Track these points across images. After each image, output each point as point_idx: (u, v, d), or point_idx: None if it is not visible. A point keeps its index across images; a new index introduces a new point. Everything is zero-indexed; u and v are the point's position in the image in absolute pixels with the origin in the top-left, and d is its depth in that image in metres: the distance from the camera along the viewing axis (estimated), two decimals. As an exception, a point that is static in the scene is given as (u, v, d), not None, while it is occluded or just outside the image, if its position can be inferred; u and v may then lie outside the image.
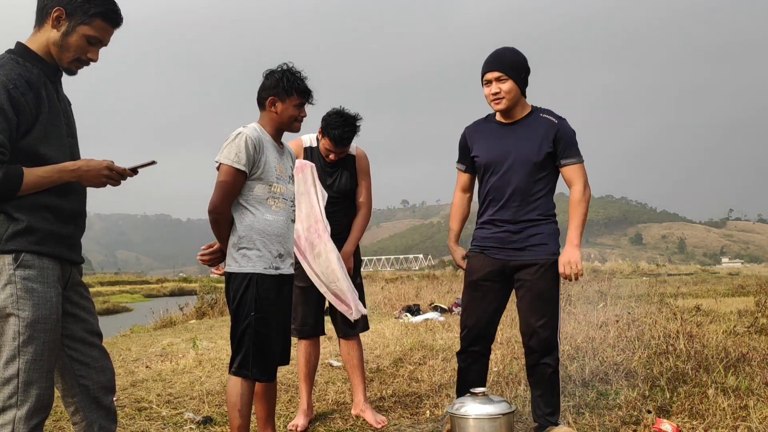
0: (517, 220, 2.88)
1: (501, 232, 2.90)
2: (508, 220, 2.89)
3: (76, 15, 2.03)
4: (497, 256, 2.91)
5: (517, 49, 2.95)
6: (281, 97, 2.73)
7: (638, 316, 7.18)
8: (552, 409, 2.95)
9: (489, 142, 2.95)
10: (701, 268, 45.80)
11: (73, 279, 2.13)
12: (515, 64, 2.89)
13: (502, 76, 2.85)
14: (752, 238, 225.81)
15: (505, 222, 2.89)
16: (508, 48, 2.96)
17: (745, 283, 17.29)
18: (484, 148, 2.96)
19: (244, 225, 2.67)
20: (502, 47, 2.98)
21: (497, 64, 2.88)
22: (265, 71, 2.80)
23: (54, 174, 1.98)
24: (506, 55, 2.91)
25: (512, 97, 2.87)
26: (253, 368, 2.63)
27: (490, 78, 2.89)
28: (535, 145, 2.86)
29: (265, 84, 2.77)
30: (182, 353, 6.26)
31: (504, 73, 2.86)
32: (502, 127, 2.96)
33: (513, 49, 2.95)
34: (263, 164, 2.67)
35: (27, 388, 1.91)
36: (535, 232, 2.88)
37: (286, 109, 2.75)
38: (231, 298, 2.68)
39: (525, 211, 2.87)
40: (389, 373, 4.84)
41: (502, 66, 2.87)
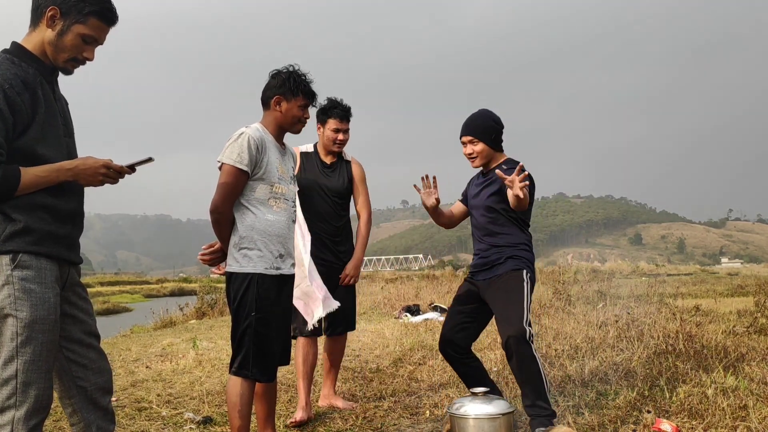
0: (485, 250, 3.33)
1: (479, 259, 3.38)
2: (482, 249, 3.36)
3: (70, 14, 2.02)
4: (476, 278, 3.36)
5: (489, 111, 3.39)
6: (287, 96, 2.75)
7: (638, 316, 7.18)
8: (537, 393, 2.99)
9: (472, 190, 3.49)
10: (700, 268, 45.77)
11: (71, 279, 2.12)
12: (486, 128, 3.33)
13: (474, 140, 3.32)
14: (751, 238, 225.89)
15: (480, 251, 3.37)
16: (481, 113, 3.39)
17: (744, 283, 17.29)
18: (469, 195, 3.50)
19: (246, 225, 2.67)
20: (477, 112, 3.41)
21: (470, 129, 3.35)
22: (272, 71, 2.82)
23: (51, 173, 1.97)
24: (477, 121, 3.36)
25: (483, 156, 3.35)
26: (254, 368, 2.63)
27: (465, 140, 3.36)
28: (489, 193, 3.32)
29: (272, 83, 2.78)
30: (182, 353, 6.26)
31: (476, 137, 3.32)
32: (480, 177, 3.46)
33: (485, 114, 3.38)
34: (265, 165, 2.68)
35: (26, 389, 1.91)
36: (499, 255, 3.28)
37: (290, 109, 2.77)
38: (232, 298, 2.68)
39: (493, 242, 3.31)
40: (389, 373, 4.84)
41: (475, 131, 3.33)
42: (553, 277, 14.74)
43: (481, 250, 3.36)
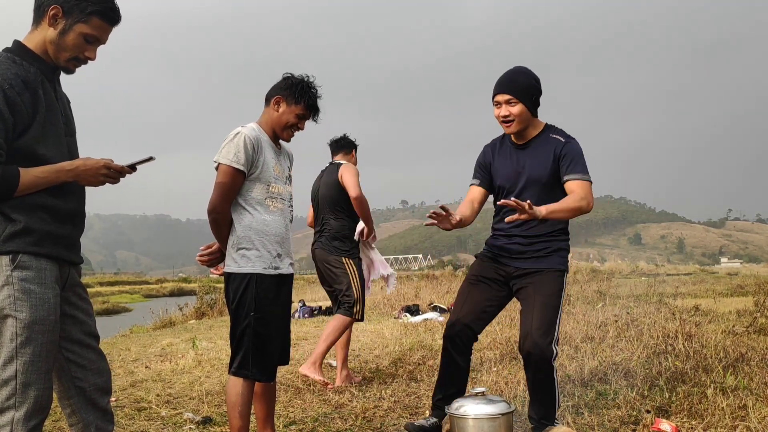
0: (528, 235, 2.96)
1: (512, 243, 2.99)
2: (519, 234, 2.97)
3: (73, 13, 2.02)
4: (507, 263, 3.00)
5: (529, 70, 2.95)
6: (288, 100, 2.76)
7: (637, 316, 7.18)
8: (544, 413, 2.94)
9: (507, 163, 3.02)
10: (700, 268, 45.81)
11: (71, 280, 2.12)
12: (527, 87, 2.89)
13: (513, 99, 2.86)
14: (751, 238, 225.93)
15: (516, 235, 2.98)
16: (522, 70, 2.95)
17: (743, 282, 17.28)
18: (503, 169, 3.03)
19: (243, 225, 2.67)
20: (516, 68, 2.96)
21: (508, 87, 2.88)
22: (286, 73, 2.80)
23: (51, 174, 1.97)
24: (519, 78, 2.91)
25: (522, 119, 2.90)
26: (253, 368, 2.63)
27: (500, 100, 2.90)
28: (544, 165, 2.91)
29: (279, 84, 2.79)
30: (182, 353, 6.26)
31: (515, 96, 2.86)
32: (516, 148, 3.02)
33: (526, 72, 2.95)
34: (261, 164, 2.68)
35: (25, 390, 1.91)
36: (543, 246, 2.95)
37: (285, 113, 2.76)
38: (230, 299, 2.68)
39: (535, 227, 2.92)
40: (388, 373, 4.84)
41: (514, 89, 2.87)
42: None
43: (519, 235, 2.95)
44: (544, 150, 2.93)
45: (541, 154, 2.93)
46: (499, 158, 3.05)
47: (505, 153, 3.05)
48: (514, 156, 3.00)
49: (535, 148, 2.97)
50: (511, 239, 2.99)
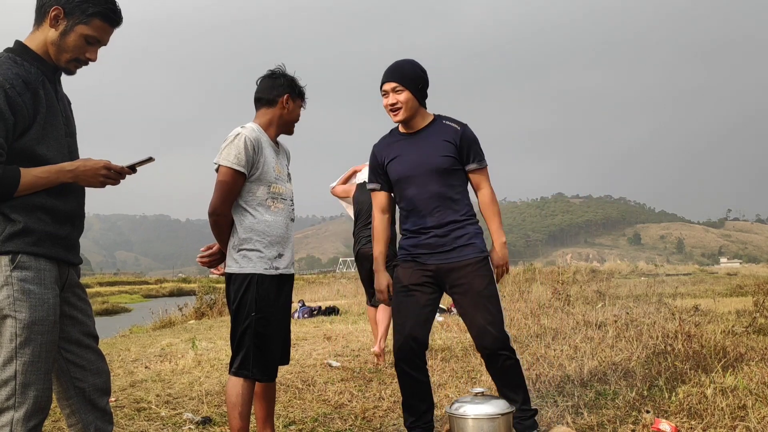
0: (441, 224, 2.90)
1: (429, 238, 2.92)
2: (433, 226, 2.91)
3: (74, 14, 2.02)
4: (429, 261, 2.92)
5: (415, 61, 3.01)
6: (294, 96, 2.81)
7: (636, 316, 7.18)
8: (522, 396, 2.96)
9: (400, 156, 2.98)
10: (699, 268, 45.74)
11: (70, 280, 2.12)
12: (412, 75, 2.93)
13: (398, 87, 2.90)
14: (750, 238, 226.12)
15: (430, 228, 2.92)
16: (407, 60, 3.01)
17: (743, 283, 17.29)
18: (397, 162, 2.98)
19: (245, 227, 2.67)
20: (401, 59, 3.02)
21: (393, 75, 2.93)
22: (273, 71, 2.83)
23: (51, 175, 1.97)
24: (404, 66, 2.96)
25: (409, 107, 2.92)
26: (254, 368, 2.63)
27: (387, 89, 2.94)
28: (440, 152, 2.91)
29: (277, 83, 2.80)
30: (181, 354, 6.26)
31: (400, 83, 2.90)
32: (407, 138, 3.00)
33: (411, 61, 3.00)
34: (262, 165, 2.68)
35: (25, 390, 1.91)
36: (461, 233, 2.91)
37: (295, 110, 2.84)
38: (231, 299, 2.68)
39: (447, 214, 2.90)
40: (388, 373, 4.84)
41: (399, 77, 2.92)
42: (552, 277, 14.74)
43: (434, 226, 2.90)
44: (439, 136, 2.93)
45: (435, 140, 2.93)
46: (391, 153, 3.01)
47: (397, 146, 3.01)
48: (407, 146, 2.98)
49: (428, 136, 2.96)
50: (427, 234, 2.92)
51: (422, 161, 2.91)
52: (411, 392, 2.97)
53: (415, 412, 2.98)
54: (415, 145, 2.95)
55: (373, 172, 3.08)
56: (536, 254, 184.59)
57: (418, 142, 2.96)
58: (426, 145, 2.93)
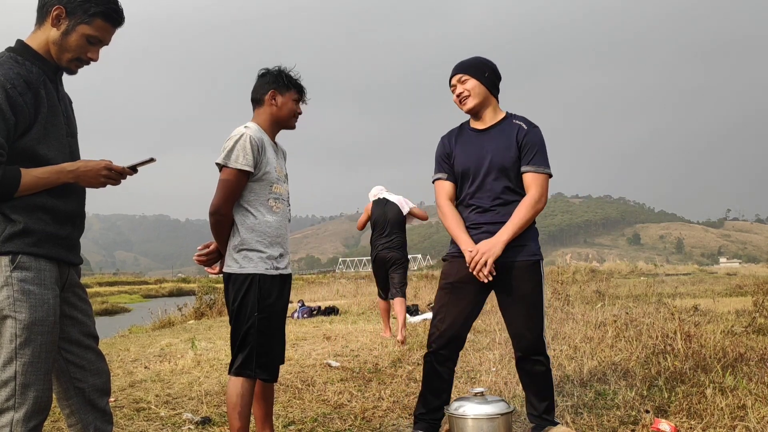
0: (497, 222, 2.86)
1: (481, 233, 2.87)
2: (487, 223, 2.88)
3: (76, 14, 2.02)
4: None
5: (481, 56, 3.02)
6: (281, 90, 2.76)
7: (636, 316, 7.19)
8: (547, 405, 2.94)
9: (466, 150, 2.96)
10: (699, 268, 45.79)
11: (71, 280, 2.12)
12: (476, 64, 2.95)
13: (464, 77, 2.93)
14: (750, 238, 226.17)
15: (484, 224, 2.89)
16: (474, 56, 3.02)
17: (742, 283, 17.31)
18: (463, 156, 2.96)
19: (246, 227, 2.66)
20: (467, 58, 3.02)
21: (457, 68, 2.97)
22: (261, 70, 2.83)
23: (52, 175, 1.97)
24: (467, 60, 2.99)
25: (477, 94, 2.90)
26: (257, 368, 2.62)
27: (454, 82, 2.97)
28: (507, 150, 2.88)
29: (263, 80, 2.79)
30: (181, 354, 6.26)
31: (464, 73, 2.93)
32: (477, 133, 2.98)
33: (476, 56, 3.02)
34: (265, 165, 2.67)
35: (24, 391, 1.91)
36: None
37: (285, 103, 2.78)
38: (232, 299, 2.67)
39: (504, 214, 2.86)
40: (388, 373, 4.84)
41: (462, 68, 2.95)
42: (551, 277, 14.75)
43: (491, 218, 2.86)
44: (507, 135, 2.90)
45: (504, 138, 2.90)
46: (459, 146, 2.99)
47: (465, 140, 2.99)
48: (476, 141, 2.95)
49: (497, 133, 2.92)
50: (479, 229, 2.88)
51: (488, 158, 2.88)
52: (432, 386, 2.97)
53: (428, 405, 2.98)
54: (483, 141, 2.92)
55: (440, 161, 3.05)
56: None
57: (487, 139, 2.93)
58: (494, 143, 2.90)
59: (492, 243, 2.78)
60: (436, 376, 2.96)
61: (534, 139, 2.88)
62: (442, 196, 3.02)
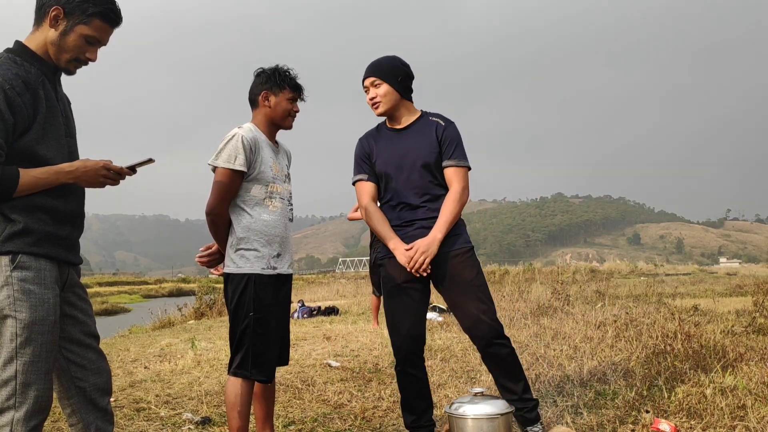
0: (428, 218, 2.90)
1: (415, 230, 2.90)
2: (420, 219, 2.91)
3: (74, 14, 2.02)
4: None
5: (396, 56, 3.01)
6: (274, 90, 2.76)
7: (636, 315, 7.19)
8: (523, 385, 2.94)
9: (387, 149, 2.98)
10: (699, 268, 45.78)
11: (71, 280, 2.12)
12: (389, 68, 2.94)
13: (377, 81, 2.93)
14: (750, 238, 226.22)
15: (416, 220, 2.91)
16: (387, 56, 3.01)
17: (742, 282, 17.32)
18: (384, 155, 2.97)
19: (242, 226, 2.67)
20: (383, 56, 3.01)
21: (371, 70, 2.95)
22: (257, 70, 2.83)
23: (51, 176, 1.97)
24: (381, 61, 2.97)
25: (388, 99, 2.92)
26: (252, 369, 2.63)
27: (367, 84, 2.97)
28: (428, 147, 2.91)
29: (258, 81, 2.80)
30: (181, 354, 6.26)
31: (378, 77, 2.92)
32: (395, 133, 3.00)
33: (390, 56, 3.01)
34: (259, 164, 2.68)
35: (25, 390, 1.91)
36: None
37: (279, 103, 2.77)
38: (229, 299, 2.68)
39: (433, 209, 2.90)
40: (388, 373, 4.84)
41: (376, 71, 2.94)
42: (551, 277, 14.75)
43: (422, 213, 2.89)
44: (426, 132, 2.94)
45: (423, 136, 2.94)
46: (378, 146, 3.00)
47: (385, 140, 3.00)
48: (396, 140, 2.97)
49: (416, 131, 2.96)
50: (412, 226, 2.91)
51: (409, 156, 2.91)
52: (412, 391, 2.98)
53: (416, 410, 2.98)
54: (402, 141, 2.95)
55: (359, 162, 3.05)
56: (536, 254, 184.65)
57: (405, 138, 2.96)
58: (413, 141, 2.93)
59: (429, 241, 2.81)
60: (414, 380, 2.96)
61: (452, 135, 2.94)
62: (364, 197, 3.02)
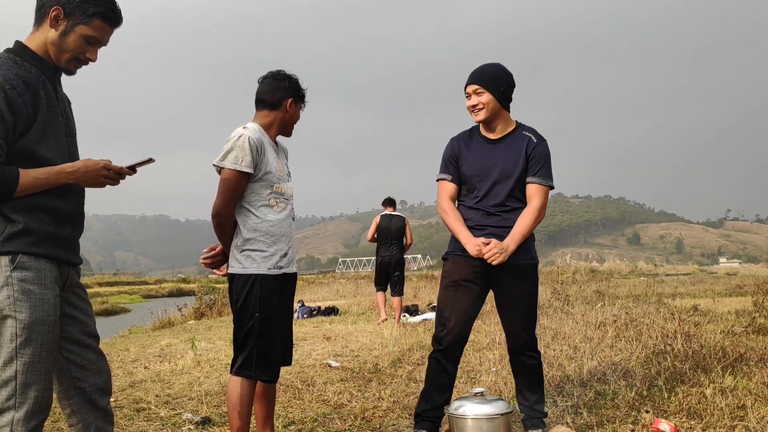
0: (500, 226, 3.00)
1: (485, 235, 2.98)
2: (492, 226, 3.00)
3: (74, 15, 2.02)
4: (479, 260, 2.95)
5: (501, 65, 3.06)
6: (297, 101, 2.82)
7: (636, 316, 7.19)
8: (537, 397, 3.10)
9: (478, 156, 3.06)
10: (699, 268, 45.73)
11: (71, 280, 2.12)
12: (494, 77, 3.00)
13: (479, 89, 2.99)
14: (750, 239, 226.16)
15: (488, 226, 3.01)
16: (492, 63, 3.08)
17: (742, 283, 17.32)
18: (472, 162, 3.06)
19: (248, 227, 2.66)
20: (489, 63, 3.08)
21: (475, 77, 3.02)
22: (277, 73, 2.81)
23: (51, 176, 1.97)
24: (487, 69, 3.03)
25: (490, 108, 2.99)
26: (257, 369, 2.63)
27: (469, 91, 3.03)
28: (516, 161, 3.00)
29: (281, 85, 2.79)
30: (181, 354, 6.26)
31: (481, 86, 2.98)
32: (487, 142, 3.07)
33: (496, 65, 3.06)
34: (265, 165, 2.67)
35: (25, 390, 1.91)
36: None
37: (296, 113, 2.85)
38: (234, 299, 2.67)
39: (507, 219, 3.00)
40: (388, 373, 4.85)
41: (480, 79, 3.00)
42: (551, 277, 14.75)
43: (497, 222, 2.99)
44: (517, 146, 3.02)
45: (513, 150, 3.02)
46: (469, 151, 3.08)
47: (475, 146, 3.09)
48: (487, 149, 3.06)
49: (508, 144, 3.04)
50: (483, 231, 2.99)
51: (497, 168, 2.99)
52: (438, 383, 3.04)
53: (432, 402, 3.03)
54: (493, 152, 3.03)
55: (446, 162, 3.14)
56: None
57: (497, 149, 3.04)
58: (503, 153, 3.02)
59: (505, 245, 2.90)
60: (443, 372, 3.03)
61: (542, 153, 3.02)
62: (444, 197, 3.13)
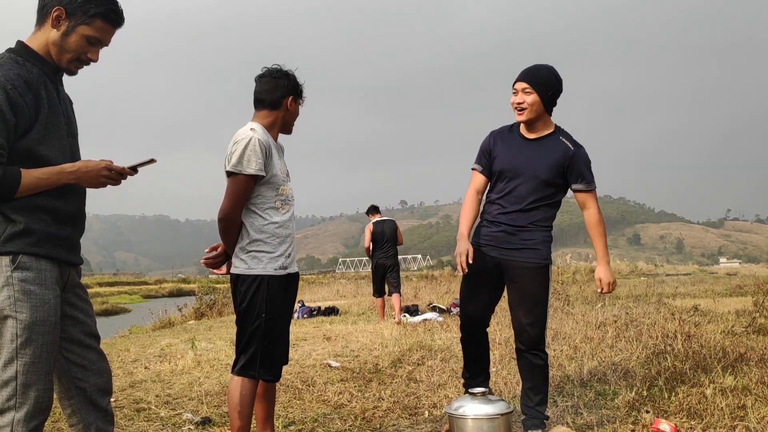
0: (515, 224, 3.06)
1: (499, 231, 3.08)
2: (506, 224, 3.07)
3: (76, 15, 2.02)
4: (491, 253, 3.10)
5: (555, 69, 3.09)
6: (296, 98, 2.80)
7: (636, 316, 7.19)
8: (541, 398, 3.10)
9: (510, 153, 3.10)
10: (699, 268, 45.75)
11: (71, 280, 2.12)
12: (546, 80, 3.02)
13: (528, 88, 3.00)
14: (750, 239, 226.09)
15: (503, 223, 3.08)
16: (545, 65, 3.09)
17: (742, 283, 17.32)
18: (505, 157, 3.10)
19: (255, 228, 2.65)
20: (542, 64, 3.09)
21: (527, 76, 3.03)
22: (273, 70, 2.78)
23: (52, 176, 1.97)
24: (539, 70, 3.05)
25: (534, 109, 3.01)
26: (260, 369, 2.63)
27: (517, 88, 3.04)
28: (548, 166, 3.02)
29: (280, 83, 2.75)
30: (181, 354, 6.26)
31: (531, 85, 2.99)
32: (524, 141, 3.11)
33: (549, 67, 3.08)
34: (272, 168, 2.66)
35: (25, 390, 1.91)
36: (529, 236, 3.06)
37: (296, 110, 2.83)
38: (239, 300, 2.66)
39: (525, 217, 3.05)
40: (388, 373, 4.85)
41: (531, 79, 3.01)
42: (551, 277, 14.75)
43: (512, 219, 3.06)
44: (552, 150, 3.04)
45: (548, 153, 3.04)
46: (504, 146, 3.13)
47: (512, 142, 3.13)
48: (522, 148, 3.09)
49: (542, 146, 3.06)
50: (498, 227, 3.09)
51: (529, 169, 3.03)
52: (473, 358, 3.29)
53: (472, 371, 3.28)
54: (528, 151, 3.07)
55: (481, 154, 3.20)
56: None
57: (532, 150, 3.07)
58: (537, 156, 3.04)
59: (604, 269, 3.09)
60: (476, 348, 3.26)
61: (581, 160, 3.07)
62: (472, 187, 3.23)
